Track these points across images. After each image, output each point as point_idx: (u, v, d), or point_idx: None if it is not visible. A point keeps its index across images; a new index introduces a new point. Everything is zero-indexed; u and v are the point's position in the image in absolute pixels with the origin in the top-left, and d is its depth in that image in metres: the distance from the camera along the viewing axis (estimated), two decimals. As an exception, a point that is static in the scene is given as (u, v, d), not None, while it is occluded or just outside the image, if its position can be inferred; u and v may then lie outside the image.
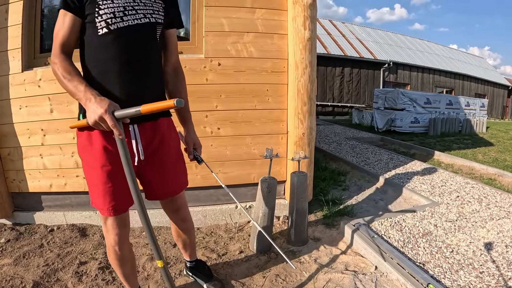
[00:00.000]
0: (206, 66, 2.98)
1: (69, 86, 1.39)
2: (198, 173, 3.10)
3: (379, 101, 10.85)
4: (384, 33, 23.34)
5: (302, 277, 2.35)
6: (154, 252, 1.55)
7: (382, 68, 19.10)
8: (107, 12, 1.46)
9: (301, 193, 2.73)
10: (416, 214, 3.28)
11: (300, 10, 2.95)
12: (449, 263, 2.43)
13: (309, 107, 3.04)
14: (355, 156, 6.07)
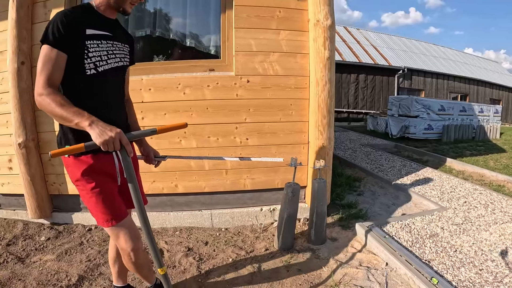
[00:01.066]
0: (236, 83, 3.38)
1: (66, 112, 1.53)
2: (228, 179, 3.51)
3: (393, 108, 11.14)
4: (399, 39, 23.57)
5: (321, 271, 2.72)
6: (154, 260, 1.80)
7: (397, 74, 19.39)
8: (95, 55, 1.73)
9: (321, 197, 3.11)
10: (424, 218, 3.61)
11: (320, 32, 3.33)
12: (452, 261, 2.75)
13: (328, 120, 3.41)
14: (369, 163, 6.40)
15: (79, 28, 1.68)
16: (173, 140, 3.44)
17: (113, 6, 1.82)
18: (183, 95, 3.37)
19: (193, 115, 3.41)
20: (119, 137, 1.51)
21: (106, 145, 1.47)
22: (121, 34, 1.95)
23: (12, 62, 3.43)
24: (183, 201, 3.61)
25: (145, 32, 3.70)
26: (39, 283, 2.64)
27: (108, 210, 1.77)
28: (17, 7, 3.36)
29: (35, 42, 3.53)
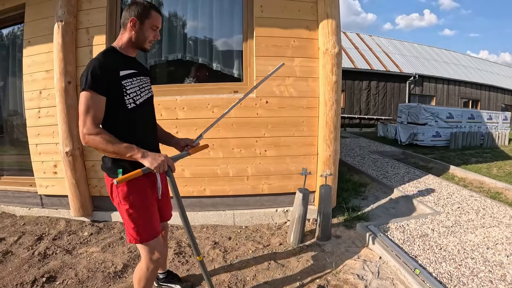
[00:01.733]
0: (257, 104, 4.02)
1: (118, 148, 1.89)
2: (249, 184, 4.17)
3: (403, 115, 11.60)
4: (411, 45, 23.87)
5: (326, 262, 3.31)
6: (193, 250, 2.30)
7: (408, 81, 19.72)
8: (132, 91, 2.08)
9: (327, 201, 3.71)
10: (418, 220, 4.13)
11: (328, 59, 3.93)
12: (436, 257, 3.26)
13: (334, 134, 4.01)
14: (375, 170, 6.93)
15: (113, 72, 2.00)
16: (204, 151, 4.02)
17: (135, 46, 2.17)
18: (211, 113, 4.01)
19: (220, 130, 4.05)
20: (167, 160, 1.95)
21: (159, 168, 1.89)
22: (142, 69, 2.28)
23: (59, 82, 4.00)
24: (210, 202, 4.25)
25: (176, 56, 4.33)
26: (89, 270, 3.21)
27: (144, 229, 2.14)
28: (63, 33, 3.96)
29: (79, 64, 4.13)
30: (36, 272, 3.19)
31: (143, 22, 2.09)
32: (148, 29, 2.12)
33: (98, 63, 1.94)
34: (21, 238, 4.01)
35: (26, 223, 4.50)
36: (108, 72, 1.97)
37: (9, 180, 5.11)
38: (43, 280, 3.04)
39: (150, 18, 2.11)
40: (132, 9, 2.08)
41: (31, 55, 4.40)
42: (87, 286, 2.98)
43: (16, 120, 5.25)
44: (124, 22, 2.11)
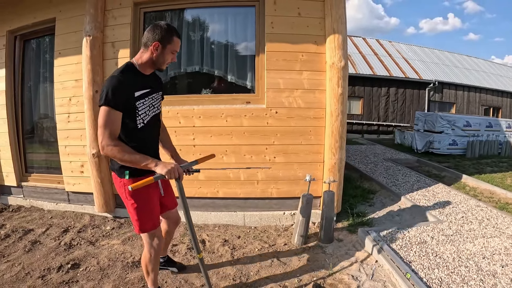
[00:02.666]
0: (267, 114, 4.37)
1: (134, 158, 2.18)
2: (259, 188, 4.52)
3: (419, 123, 11.65)
4: (431, 51, 23.64)
5: (325, 262, 3.61)
6: (194, 247, 2.58)
7: (428, 87, 19.57)
8: (143, 113, 2.39)
9: (330, 205, 4.01)
10: (419, 228, 4.30)
11: (335, 72, 4.22)
12: (430, 263, 3.42)
13: (340, 143, 4.31)
14: (386, 177, 7.10)
15: (130, 93, 2.29)
16: (218, 157, 4.44)
17: (153, 66, 2.45)
18: (225, 122, 4.39)
19: (233, 138, 4.43)
20: (177, 168, 2.22)
21: (170, 174, 2.18)
22: (155, 84, 2.56)
23: (87, 91, 4.46)
24: (222, 203, 4.63)
25: (194, 68, 4.73)
26: (109, 260, 3.63)
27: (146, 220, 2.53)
28: (91, 47, 4.41)
29: (106, 75, 4.56)
30: (62, 260, 3.62)
31: (165, 46, 2.35)
32: (168, 53, 2.39)
33: (117, 83, 2.20)
34: (48, 230, 4.47)
35: (53, 217, 4.97)
36: (125, 92, 2.25)
37: (38, 177, 5.58)
38: (68, 266, 3.47)
39: (171, 44, 2.37)
40: (156, 32, 2.31)
41: (62, 65, 4.87)
42: (107, 273, 3.39)
43: (46, 123, 5.73)
44: (147, 43, 2.34)
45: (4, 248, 3.98)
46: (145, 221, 2.53)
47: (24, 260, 3.66)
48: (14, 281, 3.25)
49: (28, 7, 5.05)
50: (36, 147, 5.83)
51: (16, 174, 5.58)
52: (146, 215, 2.53)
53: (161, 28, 2.33)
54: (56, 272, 3.38)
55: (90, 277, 3.31)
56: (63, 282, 3.20)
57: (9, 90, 5.44)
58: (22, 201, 5.63)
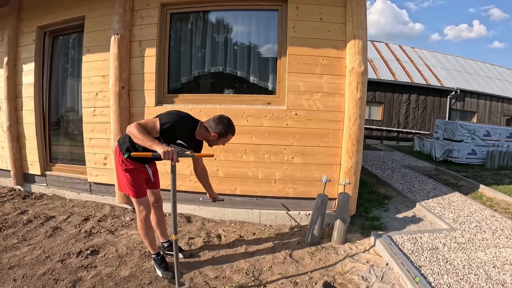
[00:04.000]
0: (287, 115, 4.53)
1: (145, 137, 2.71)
2: (276, 187, 4.69)
3: (439, 131, 11.60)
4: (454, 59, 23.37)
5: (336, 263, 3.74)
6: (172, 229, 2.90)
7: (449, 95, 19.40)
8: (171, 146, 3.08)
9: (344, 207, 4.15)
10: (432, 235, 4.36)
11: (354, 77, 4.34)
12: (440, 269, 3.49)
13: (357, 147, 4.44)
14: (403, 184, 7.16)
15: (176, 137, 3.03)
16: (237, 155, 4.66)
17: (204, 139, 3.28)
18: (246, 121, 4.57)
19: (252, 137, 4.60)
20: (173, 153, 2.65)
21: (165, 155, 2.61)
22: (193, 145, 3.24)
23: (114, 86, 4.70)
24: (240, 201, 4.81)
25: (218, 69, 4.93)
26: (128, 248, 3.83)
27: (135, 190, 3.19)
28: (118, 45, 4.66)
29: (132, 72, 4.82)
30: (82, 246, 3.83)
31: (219, 138, 3.16)
32: (220, 142, 3.23)
33: (178, 126, 2.96)
34: (69, 218, 4.69)
35: (75, 206, 5.22)
36: (174, 135, 3.00)
37: (62, 167, 5.87)
38: (87, 252, 3.68)
39: (225, 138, 3.21)
40: (218, 127, 3.10)
41: (89, 61, 5.14)
42: (125, 260, 3.58)
43: (71, 116, 6.02)
44: (210, 127, 3.12)
45: (26, 232, 4.20)
46: (136, 190, 3.20)
47: (45, 244, 3.89)
48: (35, 263, 3.45)
49: (59, 5, 5.33)
50: (60, 139, 6.11)
51: (40, 163, 5.90)
52: (137, 186, 3.21)
53: (223, 124, 3.12)
54: (75, 257, 3.59)
55: (108, 263, 3.50)
56: (82, 267, 3.39)
57: (37, 83, 5.72)
58: (45, 189, 5.94)
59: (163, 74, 4.87)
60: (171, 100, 4.81)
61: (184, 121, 3.04)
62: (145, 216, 3.27)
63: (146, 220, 3.29)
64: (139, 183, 3.25)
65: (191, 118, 3.15)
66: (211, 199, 3.76)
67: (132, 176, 3.19)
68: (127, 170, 3.17)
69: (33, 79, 5.68)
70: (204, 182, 3.68)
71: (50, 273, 3.28)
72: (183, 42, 5.05)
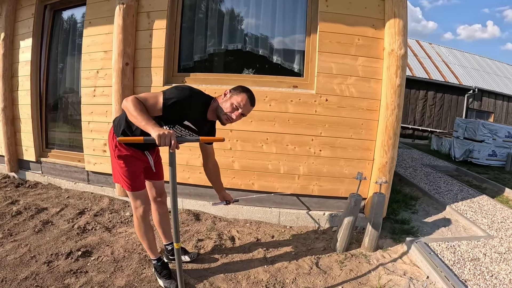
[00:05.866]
0: (316, 101, 3.93)
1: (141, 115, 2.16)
2: (299, 183, 4.10)
3: (459, 130, 11.02)
4: (472, 57, 22.80)
5: (370, 274, 3.18)
6: (174, 236, 2.35)
7: (467, 94, 18.84)
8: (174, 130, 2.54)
9: (379, 210, 3.58)
10: (470, 243, 3.88)
11: (393, 60, 3.77)
12: (486, 284, 3.04)
13: (393, 141, 3.86)
14: (428, 184, 6.64)
15: (183, 118, 2.49)
16: (256, 145, 4.06)
17: (215, 113, 2.61)
18: (269, 106, 3.97)
19: (275, 125, 4.00)
20: (171, 136, 2.07)
21: (160, 140, 2.04)
22: (206, 130, 2.73)
23: (117, 63, 4.14)
24: (257, 198, 4.19)
25: (236, 46, 4.33)
26: (125, 251, 3.31)
27: (131, 181, 2.65)
28: (123, 16, 4.08)
29: (138, 46, 4.25)
30: (73, 245, 3.34)
31: (231, 96, 2.55)
32: (230, 102, 2.54)
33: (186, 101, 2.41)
34: (63, 210, 4.24)
35: (70, 197, 4.74)
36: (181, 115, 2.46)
37: (59, 153, 5.38)
38: (78, 253, 3.17)
39: (237, 96, 2.55)
40: (235, 90, 2.60)
41: (91, 35, 4.60)
42: (121, 266, 3.06)
43: (70, 98, 5.51)
44: (225, 94, 2.60)
45: (13, 226, 3.76)
46: (132, 182, 2.66)
47: (32, 241, 3.42)
48: (18, 264, 2.98)
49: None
50: (58, 122, 5.64)
51: (35, 149, 5.44)
52: (133, 177, 2.67)
53: (240, 88, 2.62)
54: (64, 258, 3.11)
55: (101, 268, 3.00)
56: (70, 271, 2.90)
57: (34, 61, 5.26)
58: (40, 178, 5.51)
59: (174, 50, 4.29)
60: (182, 79, 4.22)
61: (195, 98, 2.49)
62: (143, 214, 2.74)
63: (144, 218, 2.76)
64: (136, 173, 2.70)
65: (203, 95, 2.60)
66: (224, 202, 3.16)
67: (127, 164, 2.65)
68: (121, 157, 2.63)
69: (30, 56, 5.21)
70: (215, 180, 3.11)
71: (33, 277, 2.79)
72: (198, 16, 4.45)
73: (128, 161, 2.64)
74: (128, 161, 2.65)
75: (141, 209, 2.72)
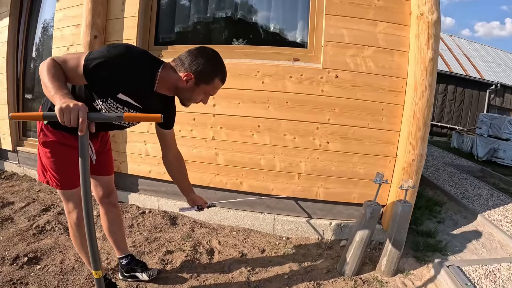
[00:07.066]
0: (323, 77, 2.88)
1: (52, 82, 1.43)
2: (300, 184, 3.07)
3: (483, 126, 9.79)
4: (493, 51, 21.07)
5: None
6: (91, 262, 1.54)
7: (488, 89, 17.29)
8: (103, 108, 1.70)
9: (403, 223, 2.53)
10: None
11: (424, 28, 2.72)
12: None
13: (423, 133, 2.80)
14: (453, 186, 5.57)
15: (115, 89, 1.65)
16: (245, 133, 3.06)
17: (173, 93, 1.82)
18: (261, 84, 2.96)
19: (270, 108, 2.99)
20: (79, 111, 1.32)
21: (63, 116, 1.31)
22: (156, 109, 1.80)
23: (85, 35, 3.41)
24: (246, 200, 3.21)
25: (225, 13, 3.35)
26: (76, 260, 2.55)
27: (59, 176, 1.89)
28: None
29: (110, 17, 3.45)
30: (23, 248, 2.70)
31: (198, 84, 1.74)
32: (200, 93, 1.79)
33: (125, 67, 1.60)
34: (28, 205, 3.63)
35: (42, 190, 4.10)
36: (114, 81, 1.63)
37: (34, 142, 4.74)
38: (24, 260, 2.52)
39: (209, 85, 1.76)
40: (198, 61, 1.70)
41: (63, 9, 3.90)
42: (67, 280, 2.33)
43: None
44: (183, 62, 1.72)
45: None
46: (61, 178, 1.91)
47: None
48: None
49: None
50: (36, 107, 4.96)
51: (12, 137, 4.78)
52: (63, 171, 1.90)
53: (206, 59, 1.73)
54: (9, 264, 2.46)
55: (44, 281, 2.30)
56: (9, 282, 2.24)
57: (11, 41, 4.64)
58: (17, 168, 4.85)
59: (150, 19, 3.35)
60: (158, 53, 3.25)
61: (132, 60, 1.64)
62: (77, 221, 1.99)
63: (81, 226, 1.97)
64: (66, 166, 1.90)
65: (149, 58, 1.74)
66: (195, 207, 2.26)
67: (54, 153, 1.87)
68: (46, 144, 1.86)
69: (6, 36, 4.59)
70: (180, 179, 2.25)
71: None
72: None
73: (55, 149, 1.86)
74: (56, 149, 1.87)
75: (75, 214, 1.98)
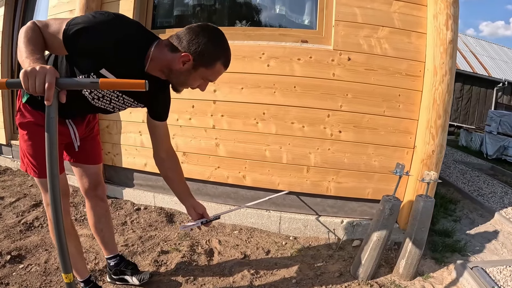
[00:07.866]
0: (334, 60, 2.56)
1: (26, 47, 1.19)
2: (309, 178, 2.74)
3: (493, 124, 9.41)
4: (500, 48, 20.56)
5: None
6: (60, 262, 1.25)
7: (496, 87, 16.77)
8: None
9: (425, 221, 2.21)
10: None
11: (442, 7, 2.42)
12: None
13: (443, 121, 2.47)
14: (466, 184, 5.27)
15: (98, 63, 1.35)
16: (248, 122, 2.74)
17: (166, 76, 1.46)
18: (266, 67, 2.63)
19: (276, 93, 2.66)
20: (45, 72, 1.05)
21: (27, 78, 1.04)
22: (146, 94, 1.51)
23: None
24: (250, 196, 2.89)
25: (228, -7, 3.06)
26: None
27: (37, 162, 1.63)
28: None
29: (105, 0, 3.16)
30: (8, 245, 2.49)
31: (196, 68, 1.39)
32: (197, 78, 1.44)
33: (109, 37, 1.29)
34: (19, 201, 3.42)
35: (34, 185, 3.86)
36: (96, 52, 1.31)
37: None
38: (7, 258, 2.31)
39: (208, 69, 1.41)
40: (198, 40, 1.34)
41: None
42: (50, 281, 2.09)
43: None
44: (180, 41, 1.37)
45: None
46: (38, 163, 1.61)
47: None
48: None
49: None
50: None
51: (6, 130, 4.55)
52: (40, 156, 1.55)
53: (209, 38, 1.36)
54: None
55: (26, 281, 2.08)
56: None
57: (6, 31, 4.44)
58: (11, 163, 4.62)
59: (147, 2, 3.06)
60: (156, 37, 2.95)
61: (122, 28, 1.33)
62: None
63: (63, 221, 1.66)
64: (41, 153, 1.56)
65: (142, 29, 1.42)
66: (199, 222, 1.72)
67: (32, 136, 1.60)
68: (23, 126, 1.60)
69: (1, 26, 4.39)
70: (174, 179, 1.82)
71: None
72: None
73: (33, 131, 1.59)
74: (34, 131, 1.59)
75: None
